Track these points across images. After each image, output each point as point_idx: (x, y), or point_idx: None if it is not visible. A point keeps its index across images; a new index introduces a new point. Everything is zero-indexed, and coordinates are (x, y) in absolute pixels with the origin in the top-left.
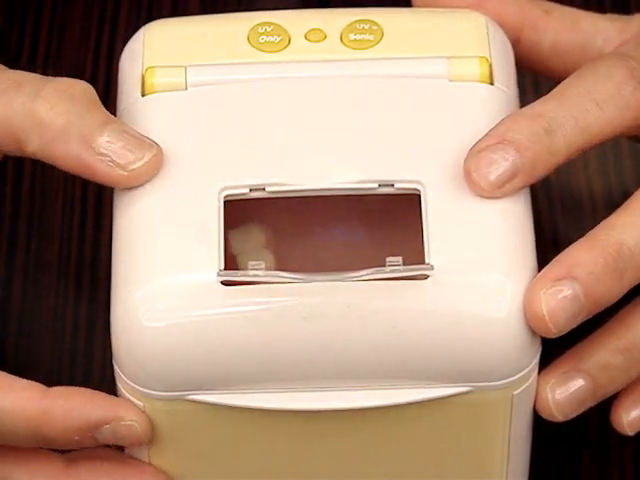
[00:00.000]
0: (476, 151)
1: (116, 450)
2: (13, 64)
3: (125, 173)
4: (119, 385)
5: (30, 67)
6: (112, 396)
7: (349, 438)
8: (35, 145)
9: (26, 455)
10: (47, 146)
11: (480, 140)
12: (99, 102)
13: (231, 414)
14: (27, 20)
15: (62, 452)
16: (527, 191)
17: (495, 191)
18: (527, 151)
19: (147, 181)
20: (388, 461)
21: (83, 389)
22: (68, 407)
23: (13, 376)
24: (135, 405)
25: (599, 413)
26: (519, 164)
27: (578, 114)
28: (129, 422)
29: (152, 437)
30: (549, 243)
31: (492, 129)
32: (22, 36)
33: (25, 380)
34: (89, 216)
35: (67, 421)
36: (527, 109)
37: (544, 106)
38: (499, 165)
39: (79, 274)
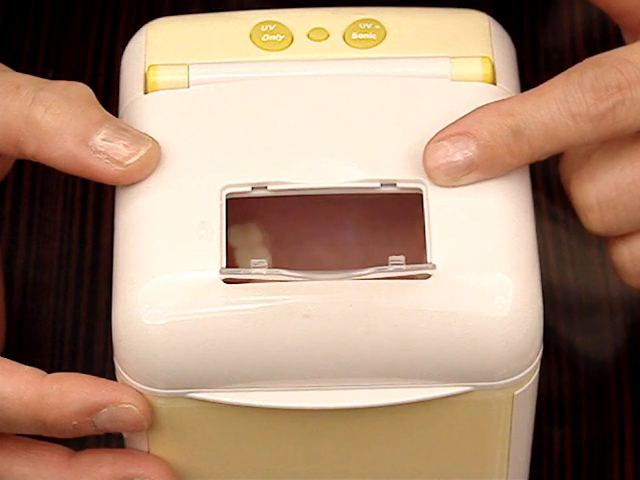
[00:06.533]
0: (437, 139)
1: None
2: (13, 64)
3: (122, 169)
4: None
5: (30, 67)
6: (110, 380)
7: (349, 437)
8: (33, 148)
9: (28, 446)
10: (44, 148)
11: (445, 128)
12: (96, 102)
13: (232, 412)
14: (27, 20)
15: (65, 444)
16: (529, 190)
17: (448, 182)
18: (487, 148)
19: (145, 176)
20: (389, 460)
21: (80, 374)
22: (64, 391)
23: (14, 362)
24: (133, 389)
25: (599, 413)
26: (476, 160)
27: (549, 122)
28: (127, 405)
29: (152, 422)
30: (550, 243)
31: (460, 118)
32: (22, 36)
33: (26, 366)
34: (89, 216)
35: (64, 405)
36: (501, 104)
37: (519, 105)
38: (456, 158)
39: (79, 274)
